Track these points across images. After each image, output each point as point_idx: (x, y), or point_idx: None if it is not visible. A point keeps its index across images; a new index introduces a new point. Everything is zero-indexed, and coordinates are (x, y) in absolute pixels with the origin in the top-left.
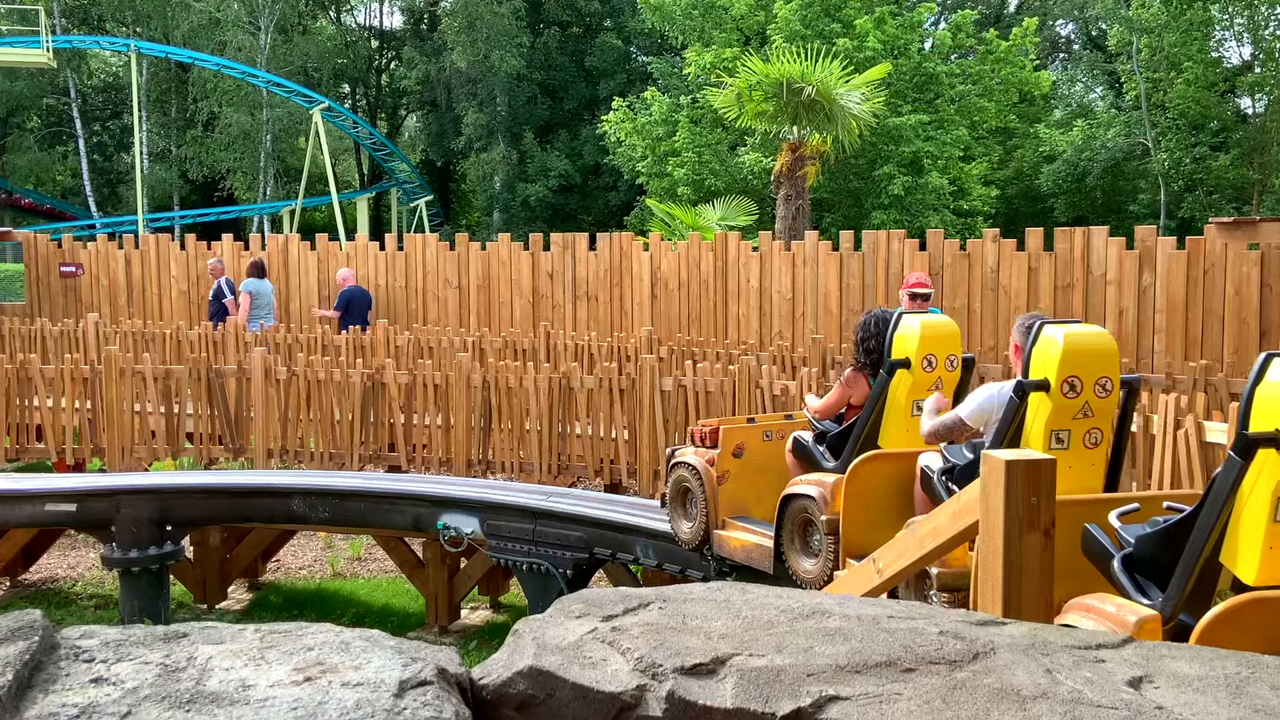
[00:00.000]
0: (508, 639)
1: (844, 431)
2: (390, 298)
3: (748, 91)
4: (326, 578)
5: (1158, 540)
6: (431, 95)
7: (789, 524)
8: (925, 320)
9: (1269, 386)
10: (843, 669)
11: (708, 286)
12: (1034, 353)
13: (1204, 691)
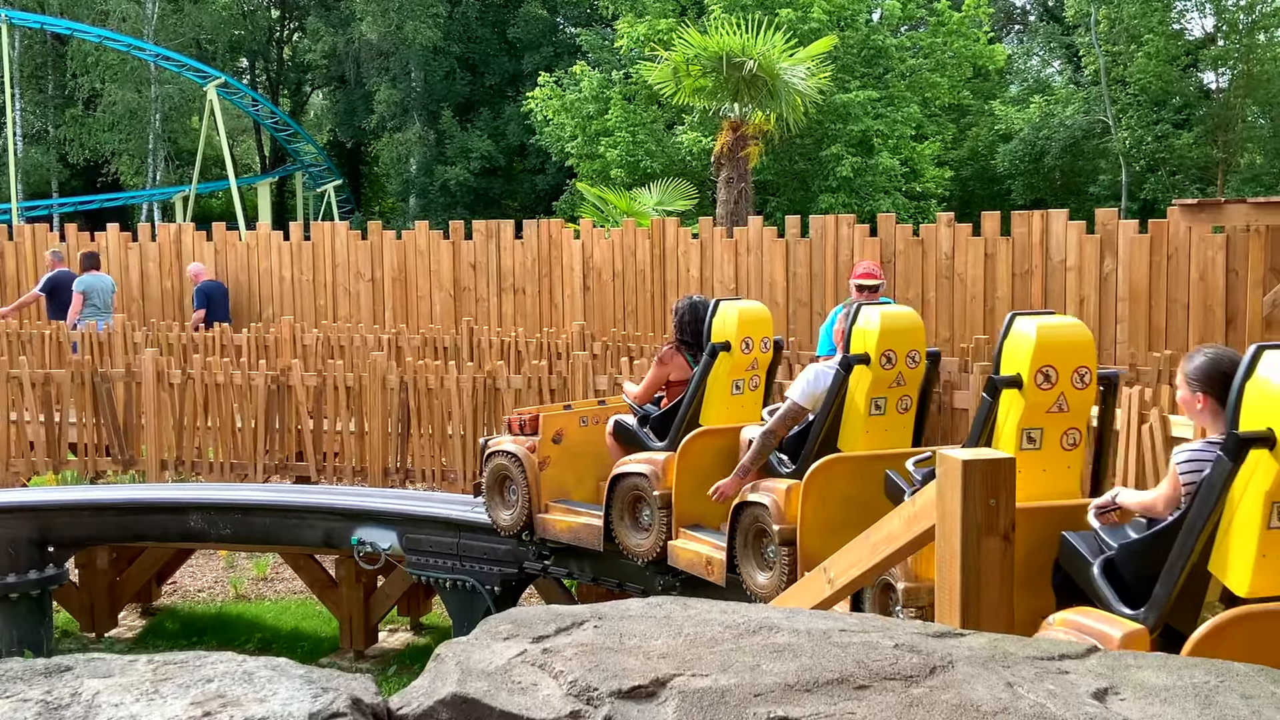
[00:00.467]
0: (429, 664)
1: (668, 412)
2: (297, 292)
3: (685, 66)
4: (229, 600)
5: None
6: (339, 70)
7: (619, 502)
8: (743, 307)
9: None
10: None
11: (644, 277)
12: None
13: (1171, 702)
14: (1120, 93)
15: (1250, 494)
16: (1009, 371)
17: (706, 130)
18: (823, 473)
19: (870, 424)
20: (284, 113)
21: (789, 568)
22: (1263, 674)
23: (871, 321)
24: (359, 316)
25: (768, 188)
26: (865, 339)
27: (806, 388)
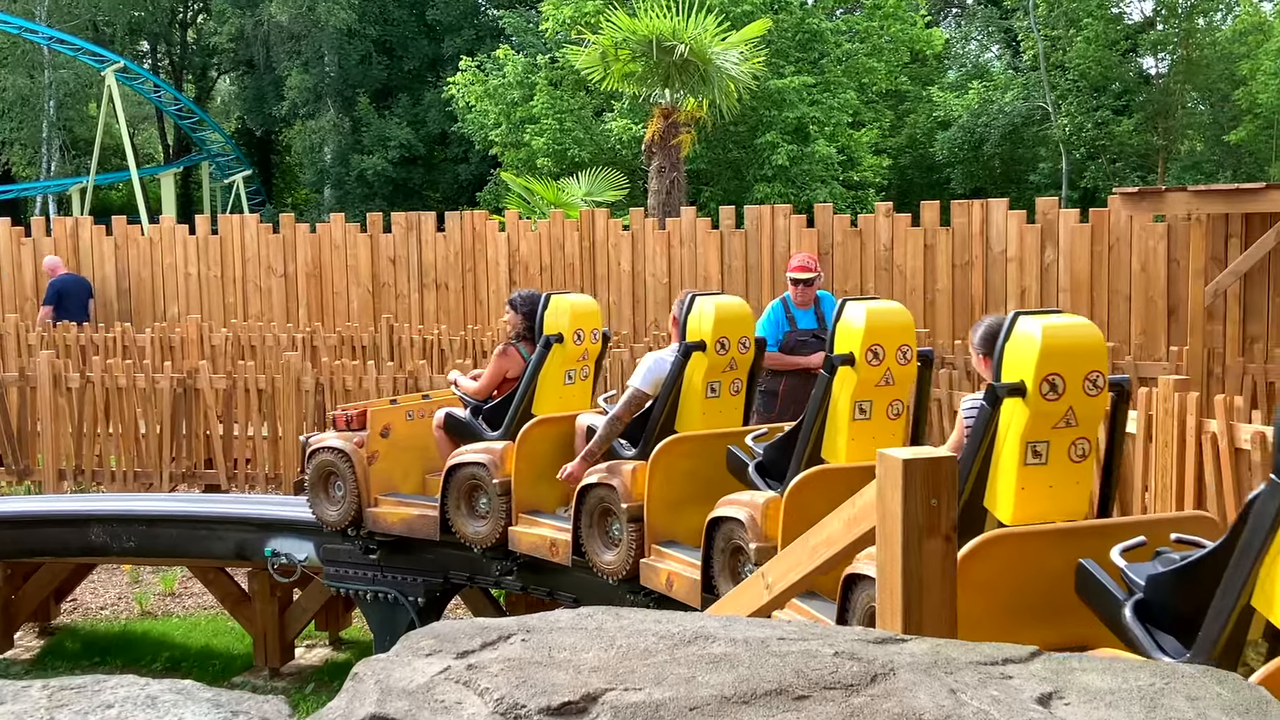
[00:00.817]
0: (346, 683)
1: (502, 403)
2: (204, 289)
3: (613, 50)
4: (133, 618)
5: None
6: (247, 54)
7: (455, 491)
8: (574, 300)
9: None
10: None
11: (573, 271)
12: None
13: (1116, 706)
14: (1059, 78)
15: (1010, 437)
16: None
17: (637, 117)
18: (666, 452)
19: (706, 406)
20: (188, 99)
21: (636, 543)
22: (1208, 674)
23: (707, 310)
24: (271, 315)
25: (701, 177)
26: (701, 325)
27: (647, 375)
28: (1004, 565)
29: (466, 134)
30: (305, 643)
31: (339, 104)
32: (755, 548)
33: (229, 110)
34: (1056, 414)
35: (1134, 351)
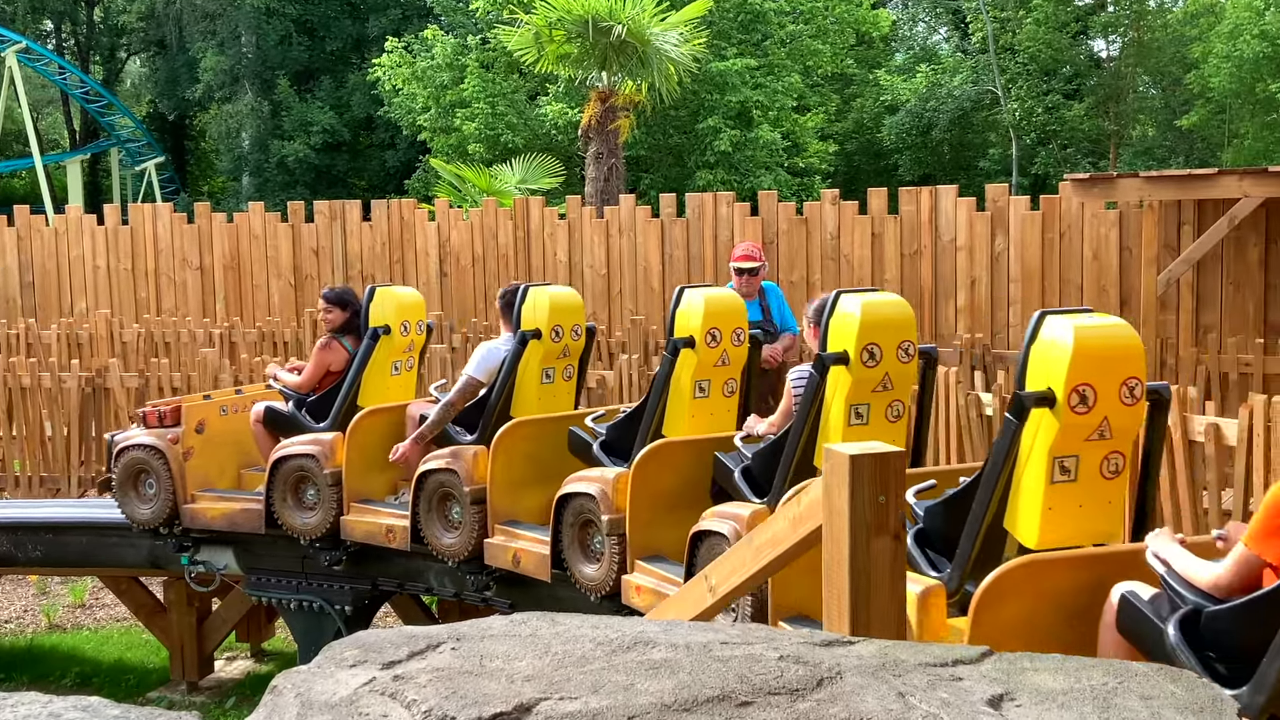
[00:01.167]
0: (265, 697)
1: (327, 395)
2: (114, 283)
3: (547, 31)
4: (41, 631)
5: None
6: (159, 34)
7: (281, 484)
8: (400, 293)
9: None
10: (669, 708)
11: (507, 262)
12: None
13: (1069, 707)
14: (1009, 61)
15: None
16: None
17: (573, 101)
18: (507, 436)
19: (541, 391)
20: (95, 82)
21: (479, 525)
22: (1161, 673)
23: (541, 300)
24: (186, 309)
25: (640, 164)
26: (536, 314)
27: (481, 363)
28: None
29: (393, 119)
30: (225, 655)
31: (257, 87)
32: (607, 520)
33: (139, 93)
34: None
35: None
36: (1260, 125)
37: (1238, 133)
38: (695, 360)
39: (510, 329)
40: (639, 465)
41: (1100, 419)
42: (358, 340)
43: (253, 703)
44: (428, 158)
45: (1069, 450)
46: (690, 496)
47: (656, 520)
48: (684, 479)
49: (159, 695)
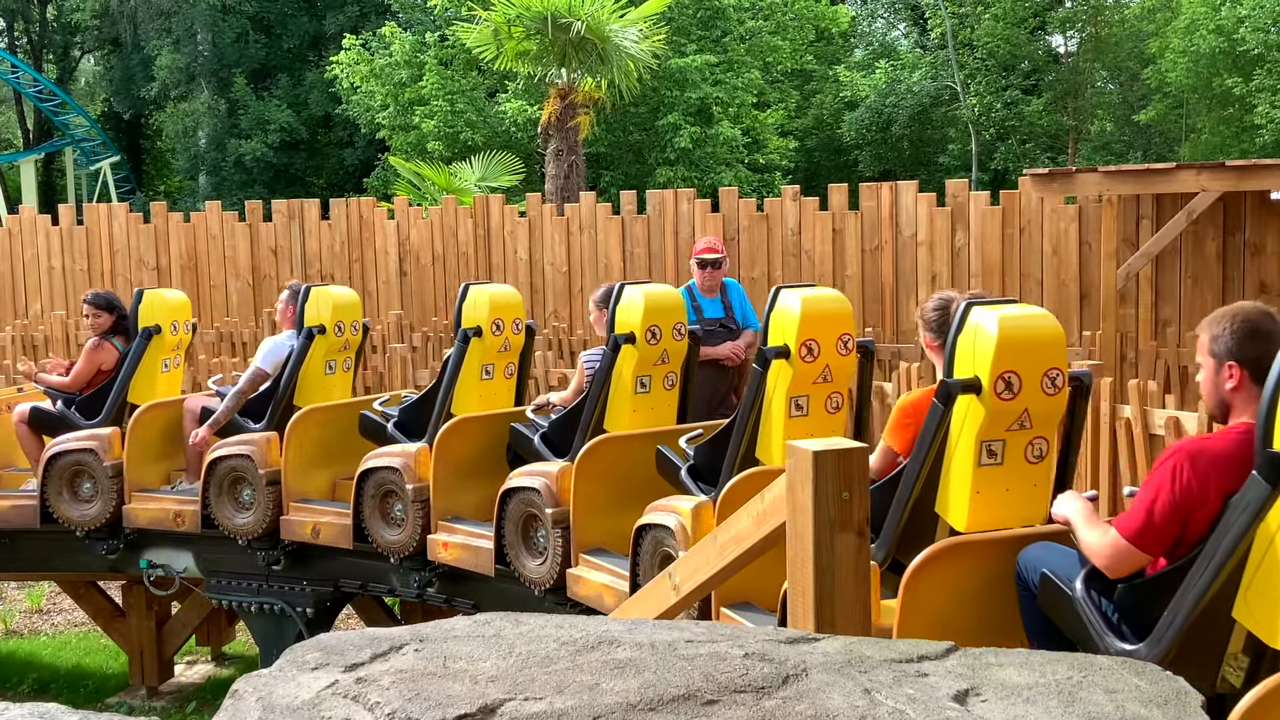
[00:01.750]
0: (225, 701)
1: (97, 394)
2: (69, 283)
3: (506, 27)
4: None
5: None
6: (113, 32)
7: (56, 479)
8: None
9: (967, 333)
10: (634, 707)
11: (467, 260)
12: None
13: (1034, 701)
14: (968, 57)
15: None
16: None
17: (532, 98)
18: (300, 423)
19: (326, 382)
20: (49, 80)
21: (273, 506)
22: (1125, 666)
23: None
24: None
25: (600, 161)
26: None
27: (268, 356)
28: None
29: (351, 116)
30: (185, 659)
31: (213, 85)
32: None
33: (94, 92)
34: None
35: None
36: (1217, 120)
37: (1195, 127)
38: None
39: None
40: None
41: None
42: (127, 340)
43: (214, 707)
44: (386, 156)
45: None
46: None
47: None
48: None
49: (118, 701)
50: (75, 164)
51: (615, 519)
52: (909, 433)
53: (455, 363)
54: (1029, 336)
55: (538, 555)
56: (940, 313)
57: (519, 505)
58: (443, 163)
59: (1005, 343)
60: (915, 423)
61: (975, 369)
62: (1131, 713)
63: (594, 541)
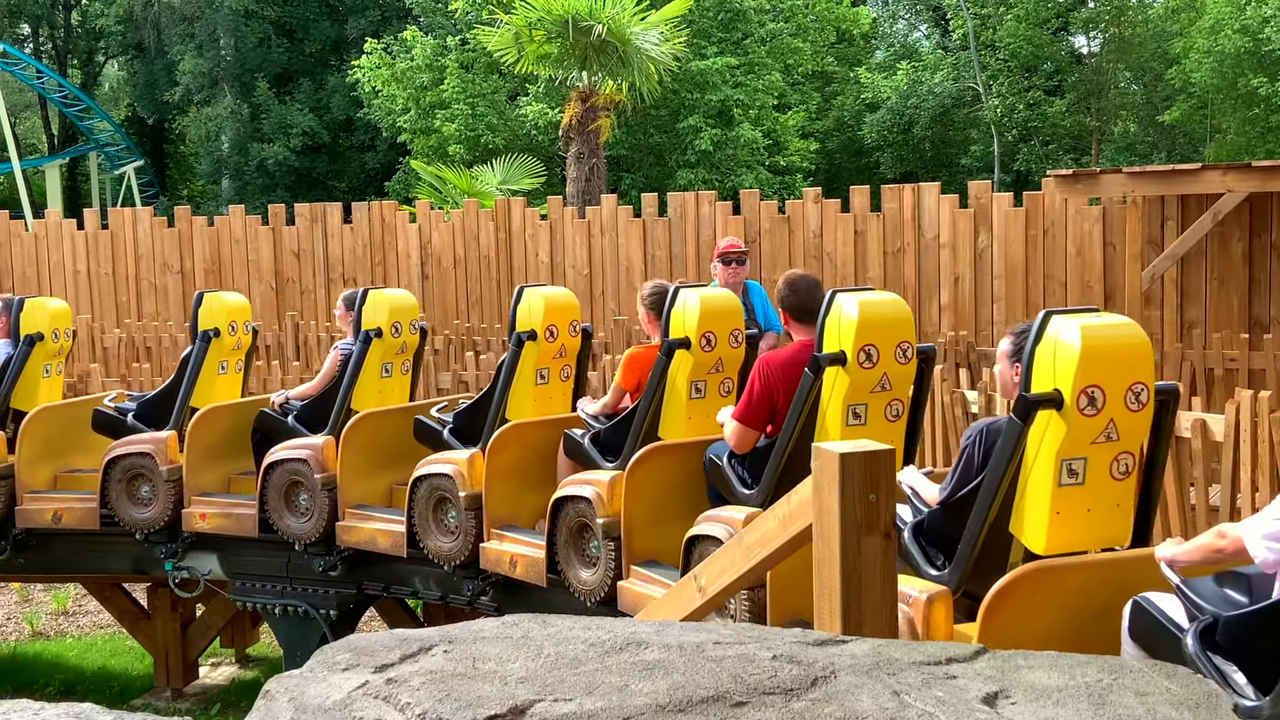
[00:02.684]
0: (258, 702)
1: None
2: (94, 287)
3: (527, 31)
4: (24, 639)
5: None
6: (137, 37)
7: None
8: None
9: (1048, 345)
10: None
11: (489, 263)
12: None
13: (1064, 704)
14: (990, 58)
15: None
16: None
17: (553, 101)
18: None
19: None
20: (74, 85)
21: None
22: (1156, 669)
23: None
24: (167, 314)
25: (621, 163)
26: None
27: None
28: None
29: (373, 120)
30: (210, 661)
31: (236, 89)
32: (165, 471)
33: (118, 97)
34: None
35: None
36: (1242, 120)
37: (1220, 128)
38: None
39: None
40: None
41: (1107, 421)
42: None
43: (238, 709)
44: (408, 159)
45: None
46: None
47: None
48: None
49: (144, 702)
50: (99, 169)
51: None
52: (635, 375)
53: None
54: (1114, 348)
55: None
56: (656, 297)
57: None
58: (464, 166)
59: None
60: (642, 369)
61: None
62: (1163, 715)
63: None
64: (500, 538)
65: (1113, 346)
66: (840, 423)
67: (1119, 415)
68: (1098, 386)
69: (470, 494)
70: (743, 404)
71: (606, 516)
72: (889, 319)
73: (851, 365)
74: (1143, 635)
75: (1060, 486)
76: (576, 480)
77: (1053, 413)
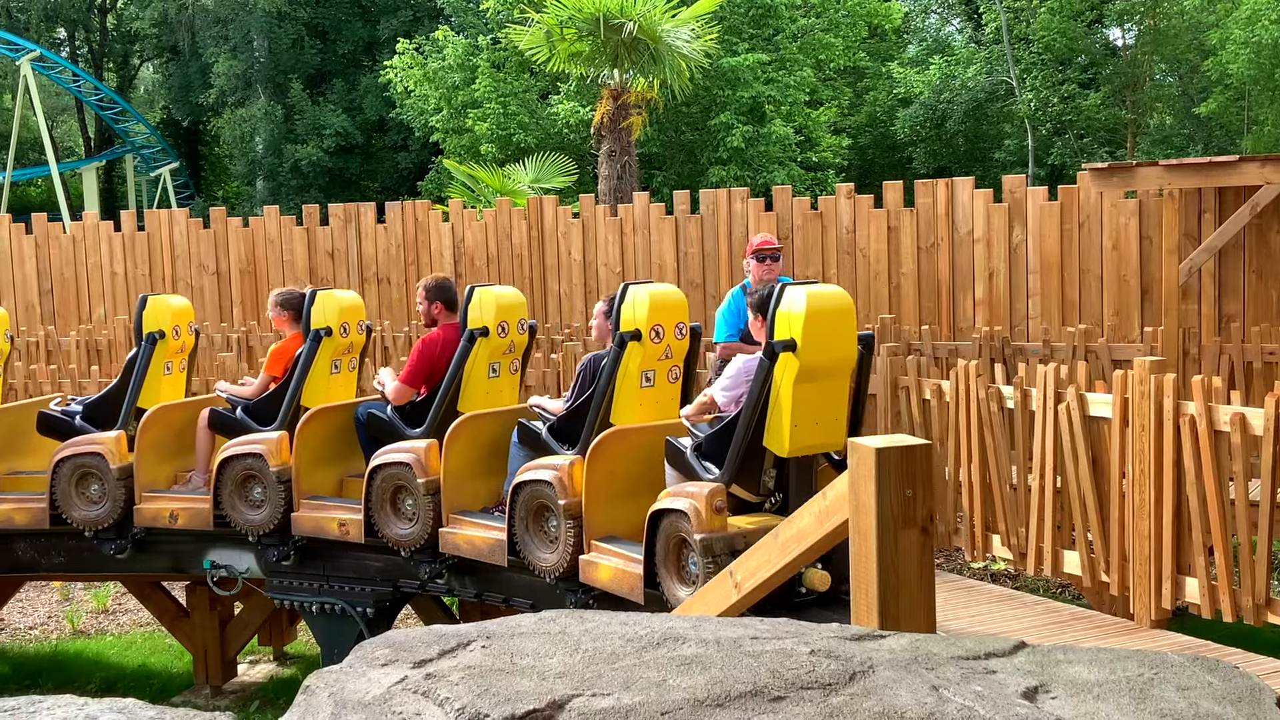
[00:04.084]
0: (298, 697)
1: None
2: (131, 288)
3: (558, 29)
4: (65, 637)
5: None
6: (171, 40)
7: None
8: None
9: (783, 306)
10: (702, 703)
11: (521, 261)
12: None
13: (1105, 698)
14: (1023, 51)
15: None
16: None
17: (585, 99)
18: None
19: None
20: (110, 88)
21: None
22: (1197, 663)
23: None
24: (203, 314)
25: (653, 161)
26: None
27: None
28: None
29: (405, 120)
30: (248, 658)
31: (270, 91)
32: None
33: (153, 100)
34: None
35: (1107, 333)
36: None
37: (1257, 119)
38: (642, 353)
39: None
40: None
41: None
42: None
43: (277, 706)
44: (440, 159)
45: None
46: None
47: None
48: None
49: (183, 700)
50: (135, 170)
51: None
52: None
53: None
54: (834, 308)
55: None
56: None
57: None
58: (496, 165)
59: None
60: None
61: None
62: (1205, 710)
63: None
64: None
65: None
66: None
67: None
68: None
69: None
70: (406, 370)
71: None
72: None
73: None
74: (670, 459)
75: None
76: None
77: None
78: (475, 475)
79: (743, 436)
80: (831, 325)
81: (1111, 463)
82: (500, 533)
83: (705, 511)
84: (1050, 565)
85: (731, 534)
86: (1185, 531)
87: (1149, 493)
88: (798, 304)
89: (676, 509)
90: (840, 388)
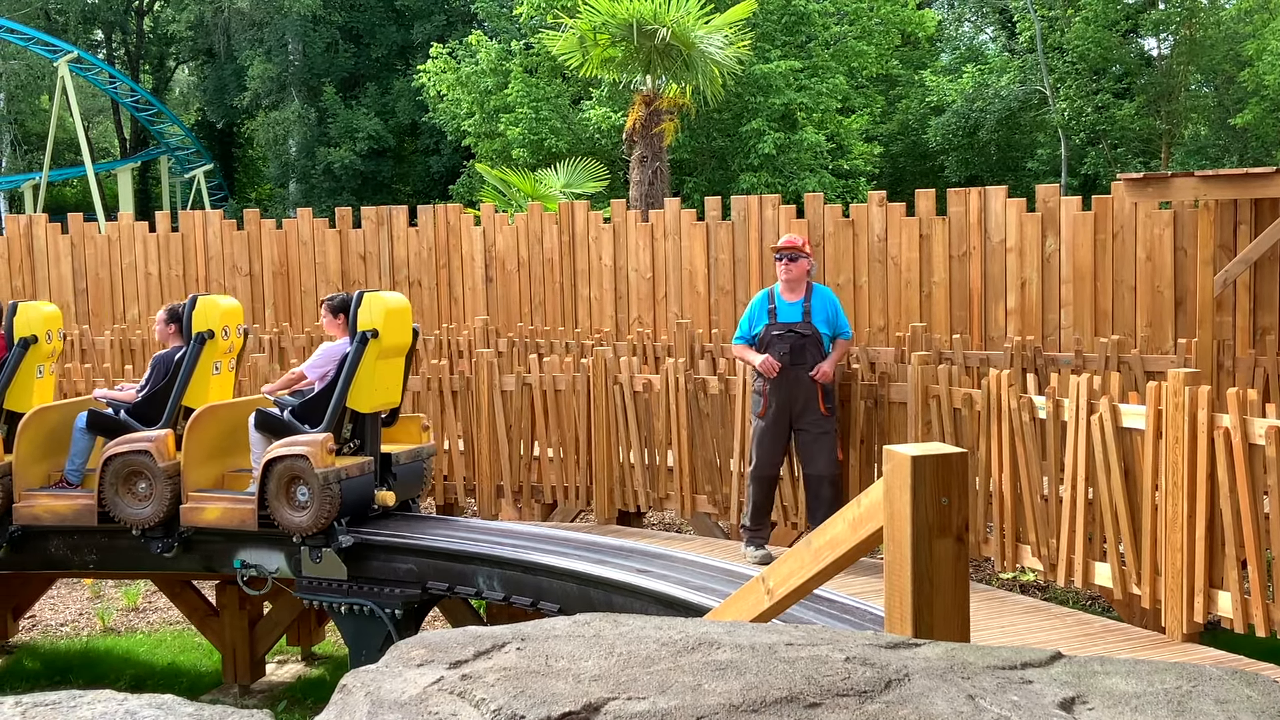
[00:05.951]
0: (334, 696)
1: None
2: (165, 289)
3: (591, 35)
4: (96, 634)
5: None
6: (207, 42)
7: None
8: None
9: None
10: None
11: (552, 266)
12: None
13: (1143, 710)
14: (1057, 61)
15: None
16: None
17: (617, 105)
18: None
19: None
20: (145, 90)
21: None
22: (1236, 677)
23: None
24: None
25: (684, 167)
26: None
27: None
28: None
29: (438, 124)
30: (276, 658)
31: (304, 94)
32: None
33: (188, 101)
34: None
35: (1140, 344)
36: None
37: None
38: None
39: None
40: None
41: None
42: None
43: (306, 706)
44: (472, 163)
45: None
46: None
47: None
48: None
49: (212, 699)
50: (170, 172)
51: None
52: None
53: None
54: (396, 308)
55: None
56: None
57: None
58: (528, 169)
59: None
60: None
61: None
62: None
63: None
64: None
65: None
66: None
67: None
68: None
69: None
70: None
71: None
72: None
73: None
74: (262, 424)
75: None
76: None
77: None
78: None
79: (340, 399)
80: (399, 319)
81: (1144, 474)
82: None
83: (321, 453)
84: (1081, 577)
85: (339, 468)
86: (1218, 545)
87: (1182, 505)
88: (378, 304)
89: (295, 454)
90: (399, 363)
